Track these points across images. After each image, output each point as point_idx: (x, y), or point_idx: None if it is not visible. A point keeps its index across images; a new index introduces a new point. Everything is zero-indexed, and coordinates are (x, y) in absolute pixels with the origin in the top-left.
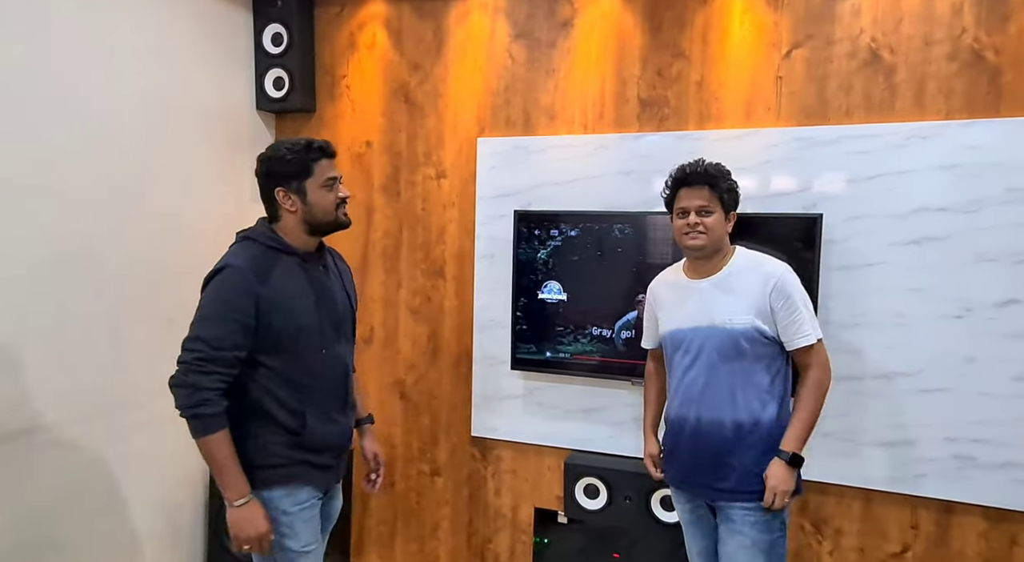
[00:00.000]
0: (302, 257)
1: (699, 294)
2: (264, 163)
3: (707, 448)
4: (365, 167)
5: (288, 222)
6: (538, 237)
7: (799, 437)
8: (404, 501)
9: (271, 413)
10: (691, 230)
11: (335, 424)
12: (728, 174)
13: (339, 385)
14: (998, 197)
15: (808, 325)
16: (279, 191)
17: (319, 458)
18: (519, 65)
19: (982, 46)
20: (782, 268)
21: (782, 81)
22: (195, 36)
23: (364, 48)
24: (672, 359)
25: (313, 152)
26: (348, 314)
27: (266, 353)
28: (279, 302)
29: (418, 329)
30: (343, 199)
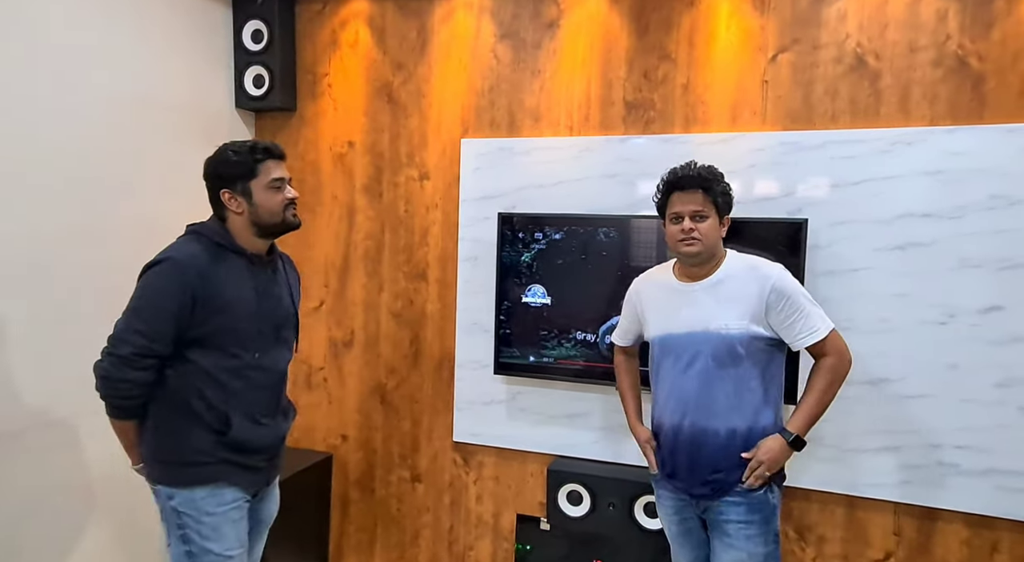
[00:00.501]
0: (250, 258)
1: (692, 299)
2: (209, 165)
3: (701, 457)
4: (347, 167)
5: (236, 223)
6: (522, 240)
7: (805, 420)
8: (384, 508)
9: (196, 411)
10: (686, 237)
11: (263, 427)
12: (721, 177)
13: (271, 390)
14: (982, 203)
15: (816, 320)
16: (224, 193)
17: (248, 459)
18: (504, 66)
19: (966, 52)
20: (777, 269)
21: (768, 85)
22: (172, 31)
23: (346, 46)
24: (661, 364)
25: (258, 153)
26: (290, 320)
27: (197, 350)
28: (216, 300)
29: (400, 332)
30: (291, 200)
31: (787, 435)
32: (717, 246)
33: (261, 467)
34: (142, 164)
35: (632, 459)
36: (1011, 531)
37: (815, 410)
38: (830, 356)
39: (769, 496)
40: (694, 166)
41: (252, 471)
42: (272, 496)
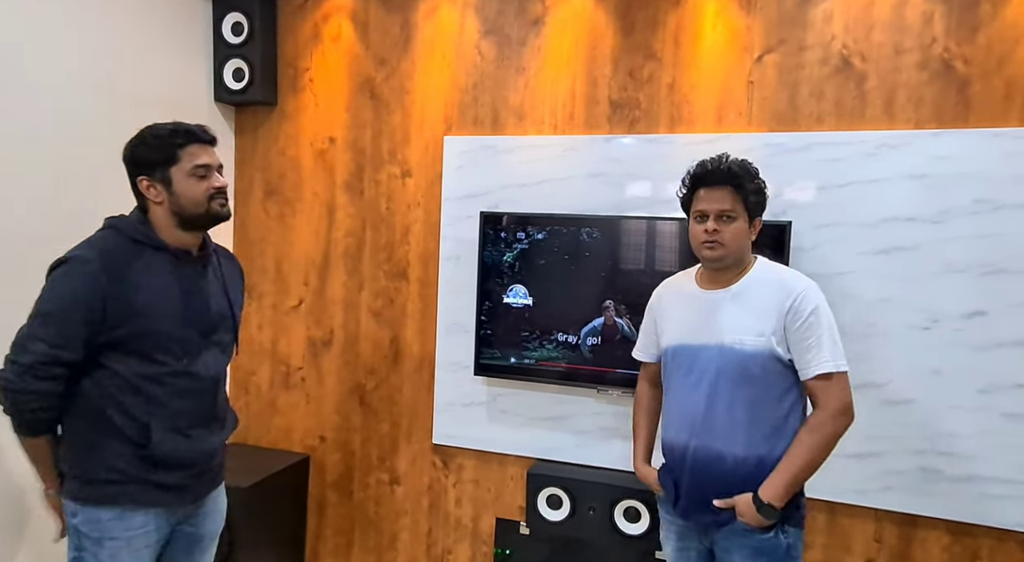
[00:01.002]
0: (174, 253)
1: (709, 307)
2: (127, 149)
3: (706, 482)
4: (328, 164)
5: (157, 214)
6: (504, 239)
7: (781, 486)
8: (362, 511)
9: (113, 422)
10: (709, 238)
11: (190, 440)
12: (755, 174)
13: (201, 398)
14: (966, 208)
15: (826, 352)
16: (142, 180)
17: (168, 476)
18: (488, 62)
19: (952, 56)
20: (804, 284)
21: (754, 86)
22: (148, 22)
23: (329, 40)
24: (672, 376)
25: (179, 136)
26: (225, 322)
27: (113, 356)
28: (132, 302)
29: (380, 332)
30: (217, 189)
31: (757, 501)
32: (744, 252)
33: (186, 484)
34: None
35: (613, 463)
36: (992, 539)
37: (793, 475)
38: (822, 410)
39: (781, 538)
40: (725, 160)
41: (174, 491)
42: (211, 512)
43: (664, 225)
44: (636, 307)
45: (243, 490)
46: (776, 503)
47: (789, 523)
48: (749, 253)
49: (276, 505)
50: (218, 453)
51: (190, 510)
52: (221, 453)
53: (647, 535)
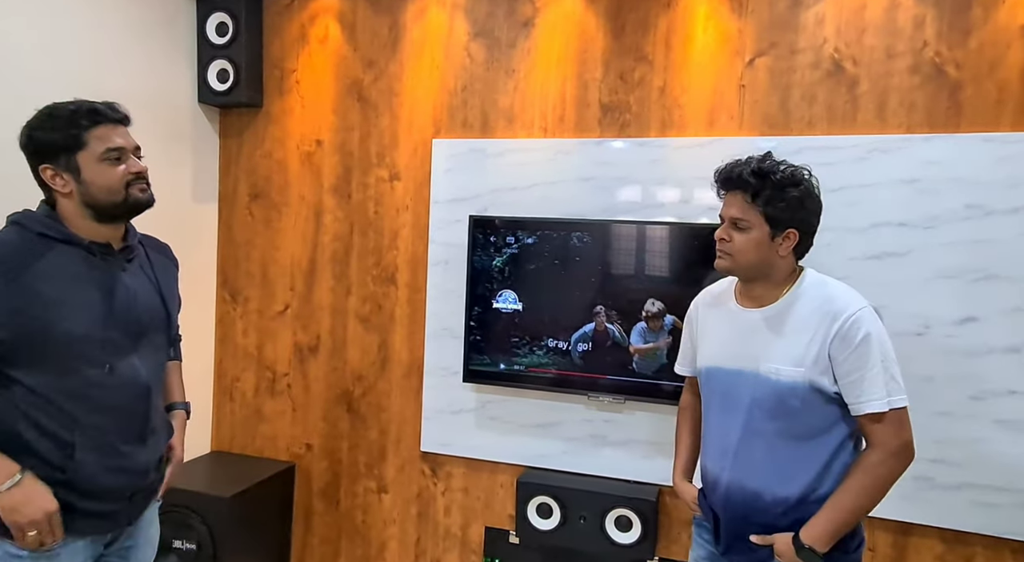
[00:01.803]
0: (89, 249)
1: (746, 328)
2: (24, 134)
3: (743, 522)
4: (315, 167)
5: (66, 207)
6: (494, 244)
7: (821, 528)
8: (349, 520)
9: (28, 444)
10: (719, 247)
11: (122, 458)
12: (783, 181)
13: (133, 409)
14: (957, 213)
15: (879, 386)
16: (45, 169)
17: (93, 503)
18: (477, 65)
19: (943, 60)
20: (855, 307)
21: (745, 89)
22: (130, 21)
23: (315, 42)
24: (708, 400)
25: (83, 117)
26: (156, 322)
27: (22, 368)
28: (35, 303)
29: (368, 338)
30: (136, 174)
31: (797, 543)
32: (766, 266)
33: (114, 510)
34: None
35: (604, 471)
36: (986, 547)
37: (840, 517)
38: (875, 450)
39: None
40: (748, 162)
41: (104, 518)
42: (140, 540)
43: (655, 230)
44: (627, 313)
45: (226, 500)
46: (818, 547)
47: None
48: (780, 267)
49: (260, 515)
50: (152, 471)
51: (120, 534)
52: (158, 469)
53: (639, 544)
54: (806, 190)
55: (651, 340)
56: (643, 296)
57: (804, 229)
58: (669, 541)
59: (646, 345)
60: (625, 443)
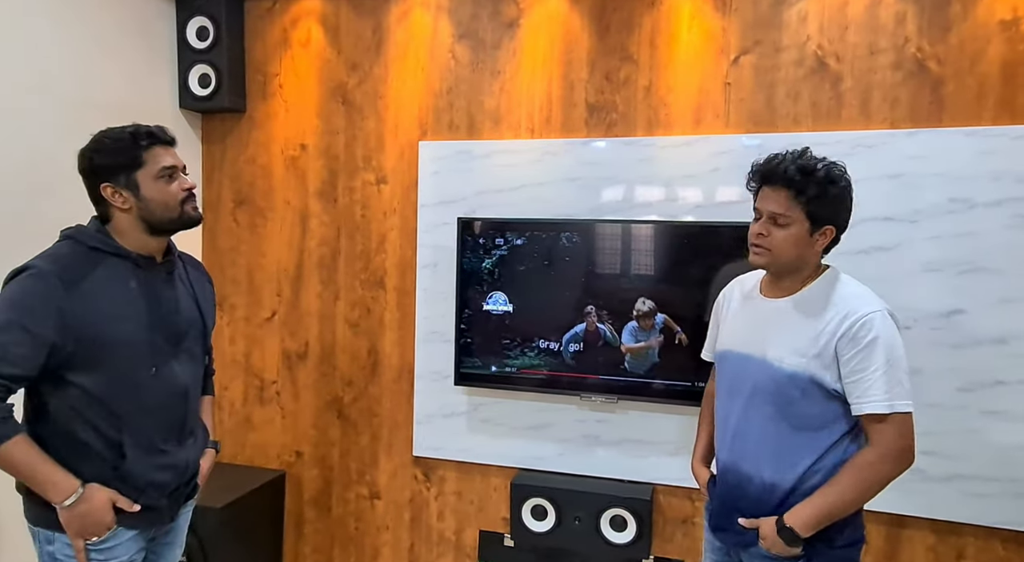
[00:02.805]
0: (136, 261)
1: (763, 316)
2: (84, 157)
3: (733, 503)
4: (300, 171)
5: (122, 222)
6: (483, 246)
7: (805, 513)
8: (341, 527)
9: (84, 442)
10: (753, 241)
11: (164, 456)
12: (827, 177)
13: (174, 410)
14: (942, 207)
15: (881, 388)
16: (106, 187)
17: (142, 497)
18: (463, 66)
19: (925, 56)
20: (869, 308)
21: (730, 87)
22: (108, 25)
23: (298, 45)
24: (720, 382)
25: (141, 139)
26: (194, 330)
27: (77, 371)
28: (91, 311)
29: (357, 343)
30: (188, 191)
31: (780, 524)
32: (800, 261)
33: (159, 506)
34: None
35: (598, 471)
36: (977, 537)
37: (826, 508)
38: (871, 450)
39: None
40: (793, 157)
41: (149, 513)
42: (176, 540)
43: (644, 228)
44: (618, 312)
45: (217, 510)
46: (799, 530)
47: (818, 557)
48: (811, 263)
49: (251, 524)
50: (191, 469)
51: (161, 532)
52: (196, 469)
53: (634, 544)
54: (845, 187)
55: (642, 339)
56: (633, 295)
57: (840, 226)
58: (664, 540)
59: (637, 344)
60: (618, 443)
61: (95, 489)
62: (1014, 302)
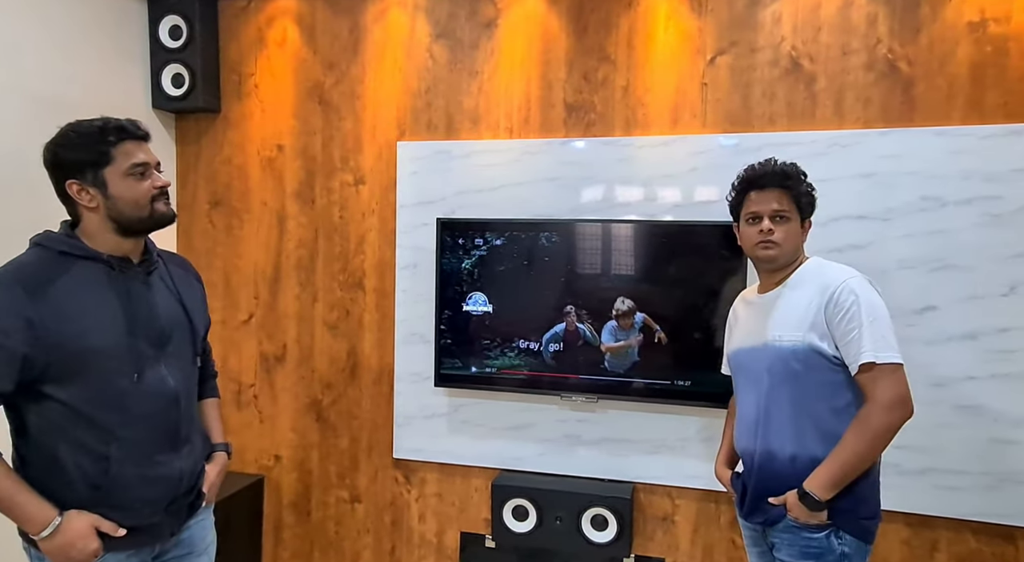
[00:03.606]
0: (109, 263)
1: (761, 310)
2: (48, 151)
3: (763, 485)
4: (276, 172)
5: (91, 222)
6: (462, 246)
7: (825, 479)
8: (321, 531)
9: (62, 461)
10: (764, 239)
11: (157, 466)
12: (805, 176)
13: (165, 417)
14: (914, 205)
15: (867, 341)
16: (72, 184)
17: (134, 517)
18: (440, 66)
19: (896, 57)
20: (845, 275)
21: (707, 88)
22: (78, 24)
23: (274, 45)
24: (736, 384)
25: (110, 133)
26: (180, 332)
27: (55, 383)
28: (62, 319)
29: (336, 345)
30: (160, 189)
31: (800, 491)
32: (797, 252)
33: (156, 522)
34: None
35: (579, 471)
36: (949, 530)
37: (839, 467)
38: (870, 403)
39: (834, 542)
40: (774, 163)
41: (143, 531)
42: (192, 554)
43: (623, 228)
44: (597, 312)
45: None
46: (818, 494)
47: (845, 529)
48: (801, 253)
49: (229, 530)
50: (189, 480)
51: (168, 546)
52: (197, 478)
53: (615, 542)
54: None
55: (622, 338)
56: (612, 294)
57: (811, 217)
58: (645, 538)
59: (617, 343)
60: (599, 442)
61: (73, 518)
62: (983, 298)
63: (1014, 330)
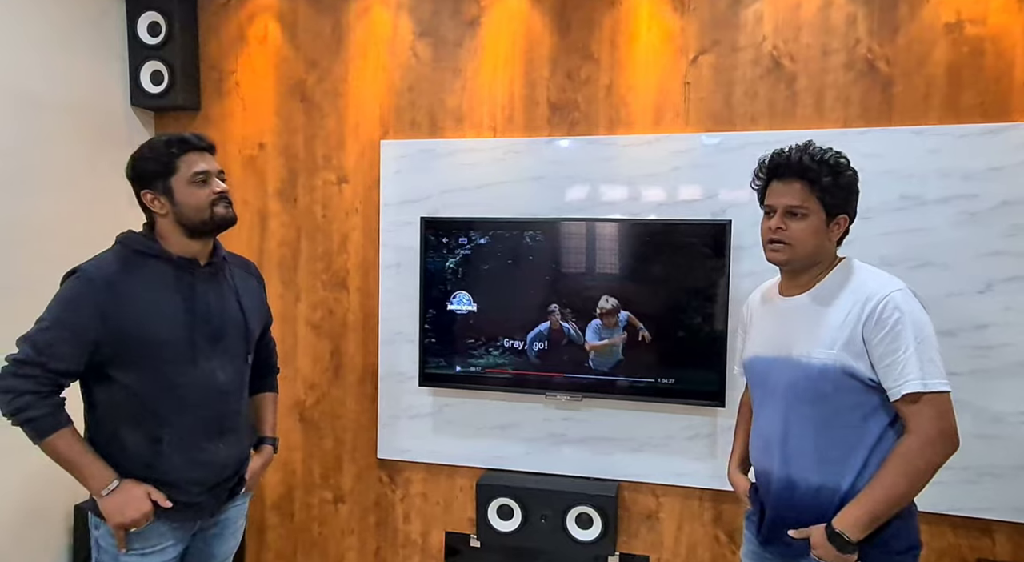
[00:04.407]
0: (177, 263)
1: (785, 315)
2: (128, 167)
3: (783, 514)
4: (258, 170)
5: (164, 226)
6: (446, 245)
7: (854, 515)
8: (305, 532)
9: (121, 437)
10: (772, 237)
11: (203, 452)
12: (837, 165)
13: (212, 408)
14: (893, 204)
15: (912, 368)
16: (146, 194)
17: (180, 494)
18: (424, 64)
19: (875, 56)
20: (889, 288)
21: (690, 87)
22: (53, 19)
23: (255, 42)
24: (753, 392)
25: (174, 146)
26: (235, 329)
27: (119, 368)
28: (130, 311)
29: (319, 345)
30: (219, 194)
31: (830, 530)
32: (819, 254)
33: (199, 501)
34: (21, 166)
35: (564, 469)
36: (928, 524)
37: (874, 506)
38: (912, 436)
39: None
40: (803, 149)
41: (189, 508)
42: (226, 532)
43: (607, 227)
44: (581, 310)
45: None
46: (850, 534)
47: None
48: (828, 255)
49: None
50: (232, 466)
51: (208, 524)
52: (240, 465)
53: (600, 540)
54: (853, 175)
55: (606, 336)
56: (597, 293)
57: (852, 214)
58: (629, 536)
59: (601, 342)
60: (583, 440)
61: (130, 483)
62: (961, 296)
63: (992, 326)
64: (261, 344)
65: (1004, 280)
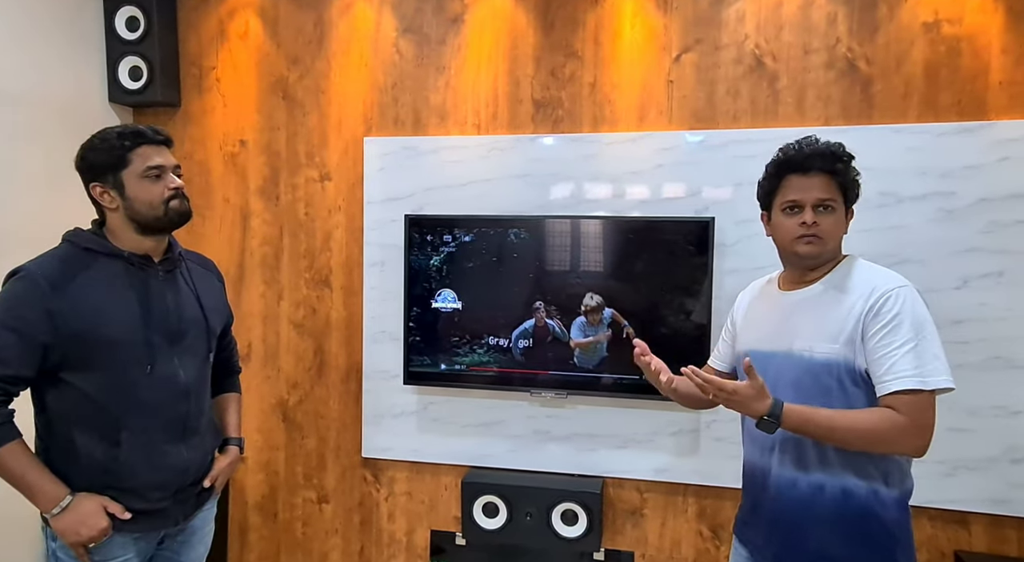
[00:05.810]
0: (129, 260)
1: (785, 309)
2: (78, 156)
3: (783, 515)
4: (240, 168)
5: (114, 222)
6: (431, 243)
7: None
8: (288, 533)
9: (77, 444)
10: (807, 233)
11: (165, 455)
12: (851, 160)
13: (174, 409)
14: (872, 201)
15: (910, 363)
16: (95, 187)
17: (140, 501)
18: (407, 61)
19: (855, 56)
20: (894, 283)
21: (673, 85)
22: (26, 12)
23: (236, 38)
24: None
25: (127, 138)
26: (195, 327)
27: (72, 371)
28: (81, 311)
29: (303, 344)
30: (174, 190)
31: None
32: (839, 247)
33: (163, 508)
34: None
35: (549, 466)
36: None
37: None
38: (903, 416)
39: None
40: (817, 141)
41: (152, 515)
42: (193, 539)
43: (591, 224)
44: (566, 308)
45: None
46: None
47: None
48: (841, 249)
49: None
50: (195, 470)
51: (173, 532)
52: (205, 469)
53: (585, 537)
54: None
55: (591, 334)
56: (581, 290)
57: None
58: (614, 532)
59: (586, 339)
60: (568, 437)
61: (83, 498)
62: (938, 292)
63: (967, 322)
64: (222, 344)
65: (980, 276)
